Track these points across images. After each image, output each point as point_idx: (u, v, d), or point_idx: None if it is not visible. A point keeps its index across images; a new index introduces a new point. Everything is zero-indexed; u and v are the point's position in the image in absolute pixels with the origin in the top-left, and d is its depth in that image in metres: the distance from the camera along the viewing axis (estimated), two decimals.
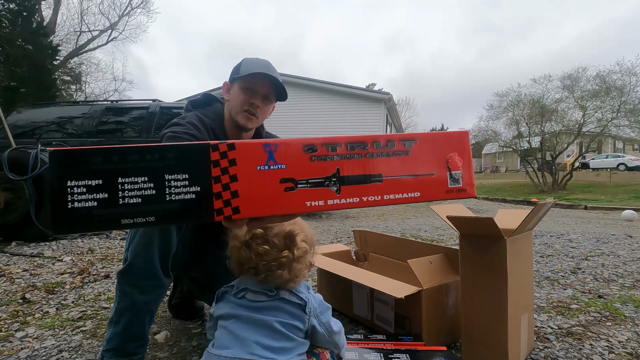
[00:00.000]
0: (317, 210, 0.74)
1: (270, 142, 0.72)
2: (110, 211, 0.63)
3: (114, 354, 0.91)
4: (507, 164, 33.07)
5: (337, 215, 5.92)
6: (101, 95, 21.04)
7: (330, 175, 0.75)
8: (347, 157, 0.76)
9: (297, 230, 0.81)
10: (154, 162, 0.65)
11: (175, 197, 0.66)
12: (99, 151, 0.63)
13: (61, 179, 0.61)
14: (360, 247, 1.77)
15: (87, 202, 0.62)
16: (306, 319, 0.78)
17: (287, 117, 11.29)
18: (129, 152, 0.64)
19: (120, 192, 0.63)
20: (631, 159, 21.47)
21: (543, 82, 14.18)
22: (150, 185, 0.64)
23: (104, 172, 0.63)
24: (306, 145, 0.74)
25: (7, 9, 12.00)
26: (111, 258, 2.50)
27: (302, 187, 0.73)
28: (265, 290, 0.79)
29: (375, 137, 0.79)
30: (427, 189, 0.82)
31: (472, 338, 1.03)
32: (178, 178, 0.66)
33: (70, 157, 0.62)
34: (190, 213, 0.67)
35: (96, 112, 4.65)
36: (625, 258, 2.51)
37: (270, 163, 0.71)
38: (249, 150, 0.71)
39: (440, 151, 0.83)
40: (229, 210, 0.69)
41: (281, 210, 0.73)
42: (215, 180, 0.68)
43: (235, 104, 1.16)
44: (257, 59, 1.18)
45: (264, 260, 0.77)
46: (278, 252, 0.78)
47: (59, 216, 0.61)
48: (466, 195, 0.85)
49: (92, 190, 0.62)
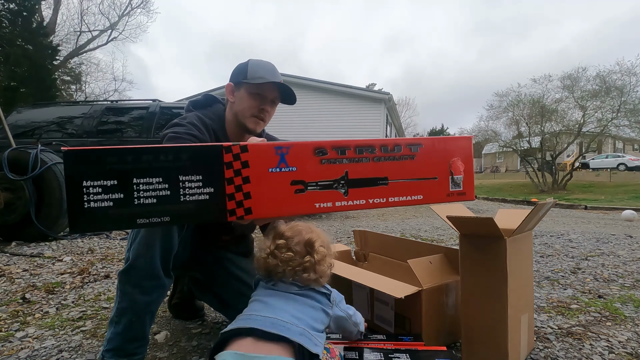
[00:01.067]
0: (325, 211, 0.76)
1: (282, 145, 0.73)
2: (126, 211, 0.64)
3: (114, 354, 0.91)
4: (507, 164, 33.08)
5: (337, 215, 5.92)
6: (101, 95, 21.05)
7: (339, 178, 0.76)
8: (355, 161, 0.77)
9: (314, 237, 0.87)
10: (168, 163, 0.66)
11: (189, 197, 0.67)
12: (113, 151, 0.64)
13: (76, 179, 0.62)
14: (360, 247, 1.77)
15: (103, 202, 0.63)
16: (331, 306, 0.86)
17: (287, 117, 11.28)
18: (143, 153, 0.65)
19: (135, 193, 0.64)
20: (631, 159, 21.47)
21: (543, 82, 14.21)
22: (165, 185, 0.65)
23: (119, 172, 0.64)
24: (317, 148, 0.75)
25: (7, 9, 12.00)
26: (111, 258, 2.50)
27: (312, 189, 0.75)
28: (296, 282, 0.85)
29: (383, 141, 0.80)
30: (430, 192, 0.83)
31: (472, 338, 1.03)
32: (192, 179, 0.67)
33: (84, 157, 0.63)
34: (204, 213, 0.68)
35: (96, 112, 4.65)
36: (625, 258, 2.51)
37: (282, 165, 0.73)
38: (261, 153, 0.72)
39: (444, 156, 0.84)
40: (241, 211, 0.70)
41: (291, 212, 0.75)
42: (229, 181, 0.69)
43: (244, 108, 1.15)
44: (263, 61, 1.17)
45: (290, 266, 0.83)
46: (301, 257, 0.84)
47: (76, 216, 0.62)
48: (466, 199, 0.86)
49: (107, 190, 0.63)
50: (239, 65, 1.18)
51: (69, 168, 0.62)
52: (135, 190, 0.64)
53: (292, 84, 12.12)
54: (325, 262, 0.87)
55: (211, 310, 1.53)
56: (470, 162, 0.86)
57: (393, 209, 7.34)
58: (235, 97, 1.17)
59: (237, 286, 1.19)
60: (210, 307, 1.43)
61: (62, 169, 3.04)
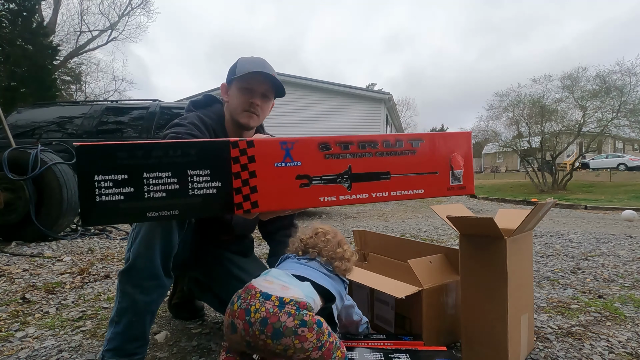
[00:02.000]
0: (329, 205, 0.78)
1: (288, 140, 0.75)
2: (137, 205, 0.66)
3: (114, 354, 0.91)
4: (507, 164, 33.07)
5: (337, 215, 5.93)
6: (101, 95, 21.07)
7: (343, 172, 0.78)
8: (358, 156, 0.79)
9: (345, 241, 1.04)
10: (177, 158, 0.68)
11: (197, 191, 0.69)
12: (124, 147, 0.66)
13: (88, 173, 0.64)
14: (360, 247, 1.76)
15: (114, 195, 0.65)
16: (345, 293, 1.00)
17: (287, 117, 11.29)
18: (153, 148, 0.67)
19: (145, 187, 0.66)
20: (631, 159, 21.48)
21: (543, 82, 14.18)
22: (174, 180, 0.68)
23: (129, 167, 0.66)
24: (321, 144, 0.77)
25: (7, 9, 12.00)
26: (111, 258, 2.50)
27: (317, 183, 0.76)
28: (327, 265, 0.98)
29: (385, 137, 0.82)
30: (430, 186, 0.84)
31: (472, 338, 1.03)
32: (200, 174, 0.69)
33: (96, 151, 0.65)
34: (212, 207, 0.70)
35: (96, 112, 4.65)
36: (625, 258, 2.51)
37: (287, 160, 0.75)
38: (267, 148, 0.74)
39: (445, 151, 0.85)
40: (248, 204, 0.72)
41: (296, 205, 0.77)
42: (236, 176, 0.71)
43: (235, 105, 1.16)
44: (252, 57, 1.18)
45: (327, 248, 0.98)
46: (335, 248, 0.99)
47: (88, 209, 0.65)
48: (466, 193, 0.88)
49: (118, 184, 0.65)
50: (231, 65, 1.19)
51: (81, 162, 0.64)
52: (145, 184, 0.66)
53: (293, 84, 12.13)
54: (351, 260, 1.01)
55: (211, 310, 1.53)
56: (469, 157, 0.88)
57: (393, 208, 7.34)
58: (229, 95, 1.19)
59: (237, 286, 1.18)
60: (210, 307, 1.43)
61: (62, 169, 3.05)
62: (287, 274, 0.85)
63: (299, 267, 0.93)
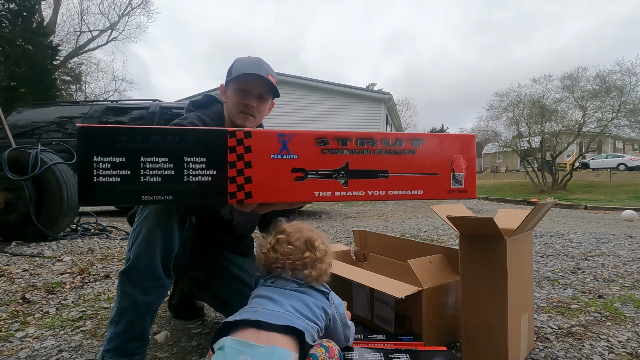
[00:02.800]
0: (324, 200, 0.77)
1: (285, 133, 0.75)
2: (132, 187, 0.67)
3: (114, 354, 0.91)
4: (507, 164, 33.07)
5: (337, 215, 5.93)
6: (101, 95, 21.07)
7: (339, 168, 0.78)
8: (356, 152, 0.78)
9: (315, 236, 0.89)
10: (174, 145, 0.69)
11: (192, 178, 0.69)
12: (124, 130, 0.68)
13: (88, 154, 0.66)
14: (360, 247, 1.77)
15: (111, 177, 0.66)
16: (329, 305, 0.86)
17: (287, 117, 11.29)
18: (152, 133, 0.68)
19: (142, 170, 0.67)
20: (631, 159, 21.48)
21: (543, 82, 14.20)
22: (170, 165, 0.68)
23: (128, 150, 0.67)
24: (319, 138, 0.77)
25: (7, 9, 12.01)
26: (111, 258, 2.50)
27: (312, 177, 0.76)
28: (296, 279, 0.85)
29: (384, 135, 0.81)
30: (430, 187, 0.84)
31: (472, 338, 1.03)
32: (196, 161, 0.70)
33: (97, 133, 0.67)
34: (205, 195, 0.71)
35: (96, 112, 4.66)
36: (625, 258, 2.51)
37: (284, 153, 0.75)
38: (264, 139, 0.74)
39: (446, 153, 0.84)
40: (242, 194, 0.73)
41: (290, 198, 0.77)
42: (231, 165, 0.72)
43: (232, 106, 1.16)
44: (249, 57, 1.18)
45: (289, 260, 0.85)
46: (300, 253, 0.86)
47: (85, 189, 0.66)
48: (467, 197, 0.87)
49: (116, 166, 0.66)
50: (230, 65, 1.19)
51: (81, 143, 0.66)
52: (142, 168, 0.67)
53: (293, 84, 12.13)
54: (325, 261, 0.88)
55: (211, 310, 1.53)
56: (472, 160, 0.86)
57: (393, 208, 7.34)
58: (227, 96, 1.19)
59: (237, 286, 1.19)
60: (210, 307, 1.43)
61: (62, 169, 3.05)
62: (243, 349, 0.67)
63: (273, 299, 0.80)
